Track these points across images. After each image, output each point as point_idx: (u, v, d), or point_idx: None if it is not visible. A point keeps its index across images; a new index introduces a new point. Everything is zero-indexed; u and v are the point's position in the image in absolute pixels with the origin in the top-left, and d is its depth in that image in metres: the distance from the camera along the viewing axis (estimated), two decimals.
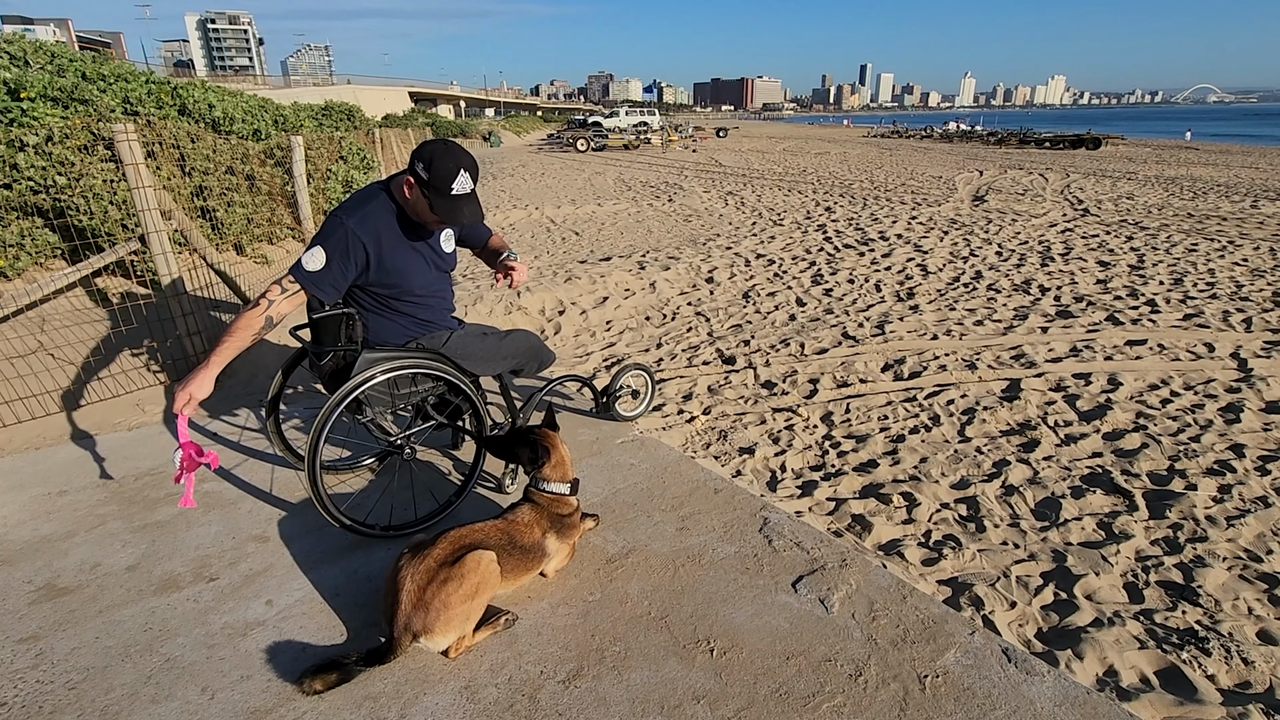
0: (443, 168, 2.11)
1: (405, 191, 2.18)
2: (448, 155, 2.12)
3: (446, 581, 1.76)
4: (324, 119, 11.93)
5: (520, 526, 2.01)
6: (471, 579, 1.79)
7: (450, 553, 1.83)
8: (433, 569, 1.78)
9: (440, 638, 1.78)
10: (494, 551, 1.88)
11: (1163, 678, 2.26)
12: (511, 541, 1.96)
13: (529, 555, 2.00)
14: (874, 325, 6.04)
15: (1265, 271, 7.68)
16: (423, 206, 2.17)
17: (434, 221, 2.24)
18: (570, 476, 2.16)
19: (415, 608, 1.74)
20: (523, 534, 2.00)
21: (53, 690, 1.77)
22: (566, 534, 2.10)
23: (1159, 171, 19.00)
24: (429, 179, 2.11)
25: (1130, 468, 3.59)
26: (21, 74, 4.78)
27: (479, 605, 1.83)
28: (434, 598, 1.75)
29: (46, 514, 2.61)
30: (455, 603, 1.76)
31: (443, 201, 2.14)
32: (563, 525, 2.09)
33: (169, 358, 3.95)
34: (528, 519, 2.04)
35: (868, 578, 2.15)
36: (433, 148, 2.15)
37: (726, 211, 12.69)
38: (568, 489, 2.12)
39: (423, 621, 1.74)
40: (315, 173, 7.84)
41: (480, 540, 1.90)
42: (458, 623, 1.78)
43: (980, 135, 39.10)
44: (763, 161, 24.46)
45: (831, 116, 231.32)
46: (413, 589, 1.75)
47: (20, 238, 4.11)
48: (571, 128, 43.91)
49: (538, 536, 2.02)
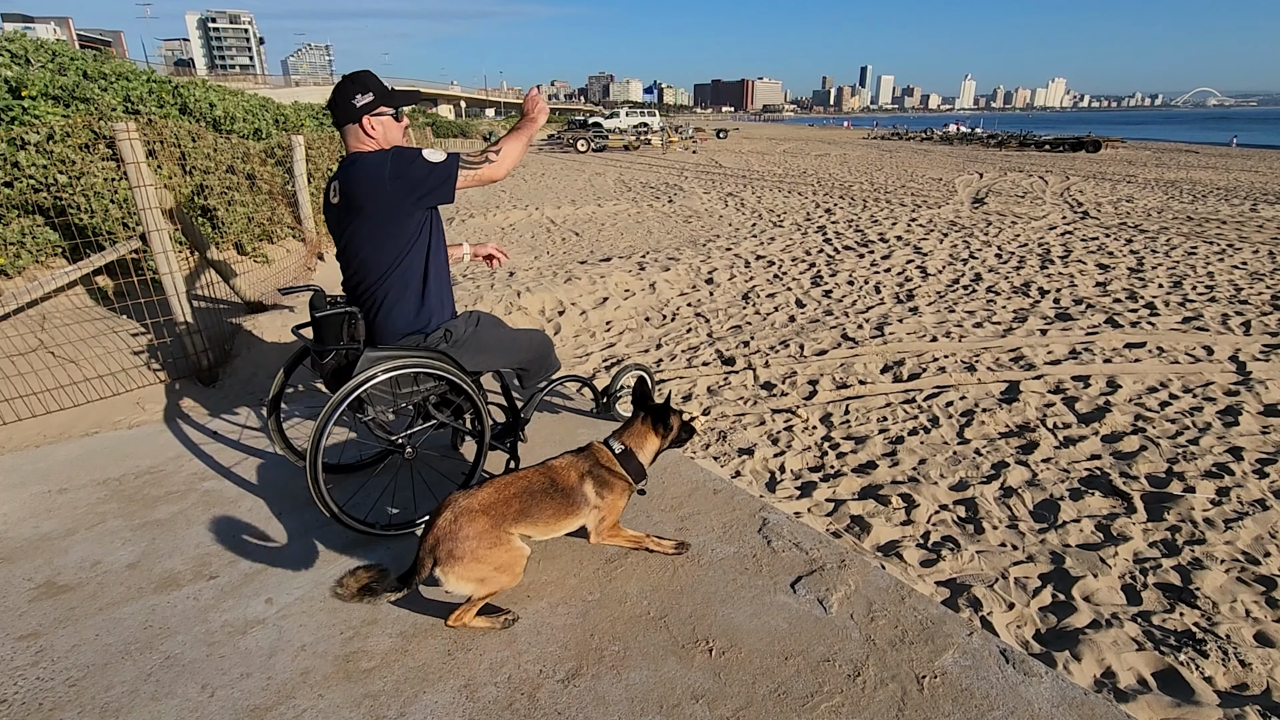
0: (371, 80, 2.25)
1: (371, 131, 2.23)
2: (364, 74, 2.28)
3: (482, 534, 1.85)
4: (324, 118, 11.93)
5: (559, 470, 2.10)
6: (499, 550, 1.86)
7: (495, 498, 1.93)
8: (474, 509, 1.88)
9: (453, 574, 1.81)
10: (534, 521, 1.97)
11: (1160, 679, 2.27)
12: (551, 484, 2.04)
13: (568, 499, 2.05)
14: (873, 327, 6.05)
15: (1264, 275, 7.70)
16: (390, 124, 2.26)
17: (400, 135, 2.32)
18: (640, 451, 2.19)
19: (444, 537, 1.82)
20: (560, 476, 2.07)
21: (53, 687, 1.77)
22: (605, 489, 2.11)
23: (1159, 175, 19.03)
24: (375, 95, 2.22)
25: (1129, 470, 3.60)
26: (23, 72, 4.79)
27: (495, 577, 1.87)
28: (463, 535, 1.82)
29: (47, 511, 2.61)
30: (479, 552, 1.83)
31: (397, 96, 2.27)
32: (602, 478, 2.11)
33: (169, 356, 3.95)
34: (566, 463, 2.13)
35: (866, 578, 2.16)
36: (350, 86, 2.23)
37: (726, 213, 12.70)
38: (622, 449, 2.17)
39: (446, 551, 1.81)
40: (316, 172, 7.85)
41: (519, 490, 1.99)
42: (472, 572, 1.83)
43: (980, 137, 39.17)
44: (763, 163, 24.47)
45: (831, 118, 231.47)
46: (449, 518, 1.85)
47: (21, 236, 4.11)
48: (572, 128, 43.92)
49: (574, 480, 2.08)
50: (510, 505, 1.95)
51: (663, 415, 2.23)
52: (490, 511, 1.91)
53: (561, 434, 3.18)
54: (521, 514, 1.96)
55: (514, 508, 1.95)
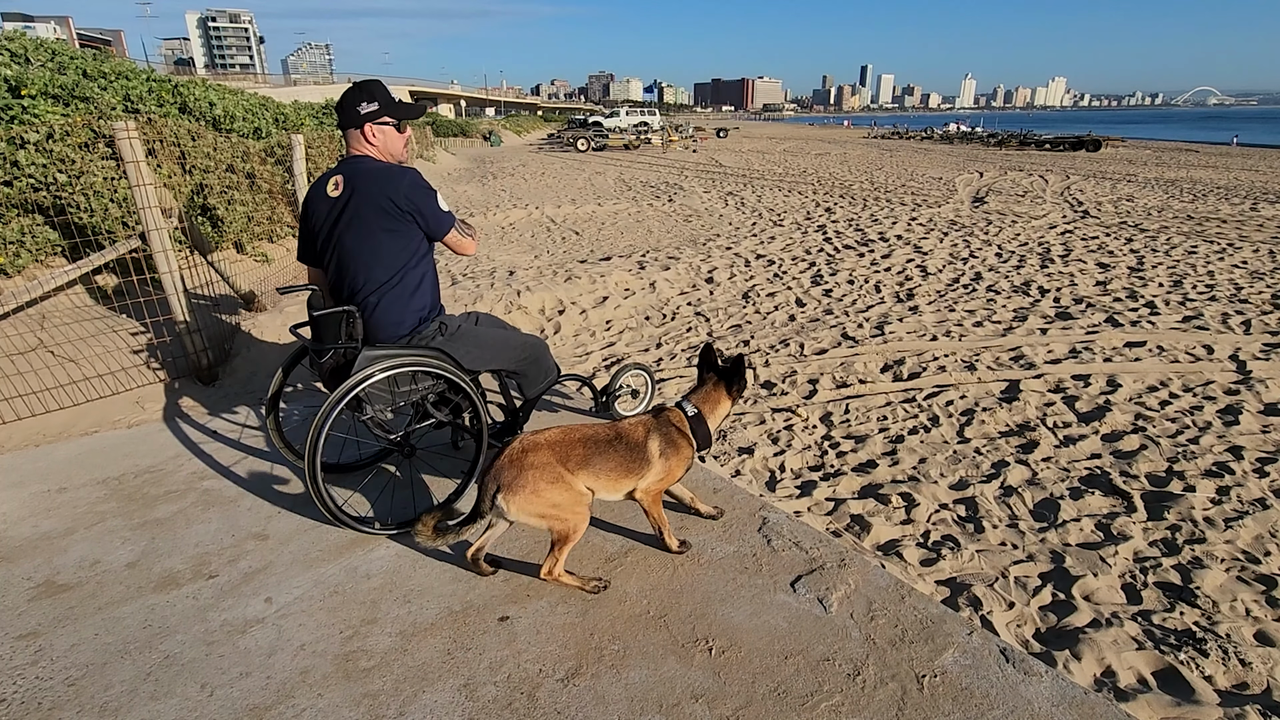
0: (379, 90, 2.33)
1: (373, 139, 2.31)
2: (372, 83, 2.35)
3: (543, 467, 1.93)
4: (324, 118, 11.92)
5: (627, 426, 2.15)
6: (558, 488, 1.94)
7: (561, 439, 2.01)
8: (539, 444, 1.97)
9: (513, 503, 1.90)
10: (598, 464, 2.03)
11: (1160, 678, 2.27)
12: (616, 436, 2.10)
13: (630, 456, 2.09)
14: (873, 326, 6.05)
15: (1265, 274, 7.69)
16: (391, 134, 2.34)
17: (402, 144, 2.40)
18: (711, 416, 2.22)
19: (507, 466, 1.92)
20: (628, 432, 2.13)
21: (52, 687, 1.77)
22: (671, 451, 2.13)
23: (1159, 174, 19.02)
24: (380, 104, 2.29)
25: (1129, 469, 3.60)
26: (22, 71, 4.78)
27: (556, 515, 1.94)
28: (526, 464, 1.92)
29: (46, 511, 2.61)
30: (539, 485, 1.91)
31: (401, 108, 2.34)
32: (670, 438, 2.14)
33: (168, 355, 3.95)
34: (634, 421, 2.17)
35: (866, 578, 2.15)
36: (356, 94, 2.30)
37: (726, 212, 12.70)
38: (694, 412, 2.20)
39: (509, 478, 1.90)
40: (316, 171, 7.84)
41: (584, 436, 2.06)
42: (532, 504, 1.91)
43: (980, 137, 39.14)
44: (763, 162, 24.47)
45: (832, 117, 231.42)
46: (515, 449, 1.96)
47: (21, 235, 4.11)
48: (572, 127, 43.91)
49: (640, 436, 2.12)
50: (574, 449, 2.02)
51: (737, 374, 2.24)
52: (555, 448, 1.98)
53: None
54: (585, 461, 2.02)
55: (578, 453, 2.02)
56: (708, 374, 2.27)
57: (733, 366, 2.23)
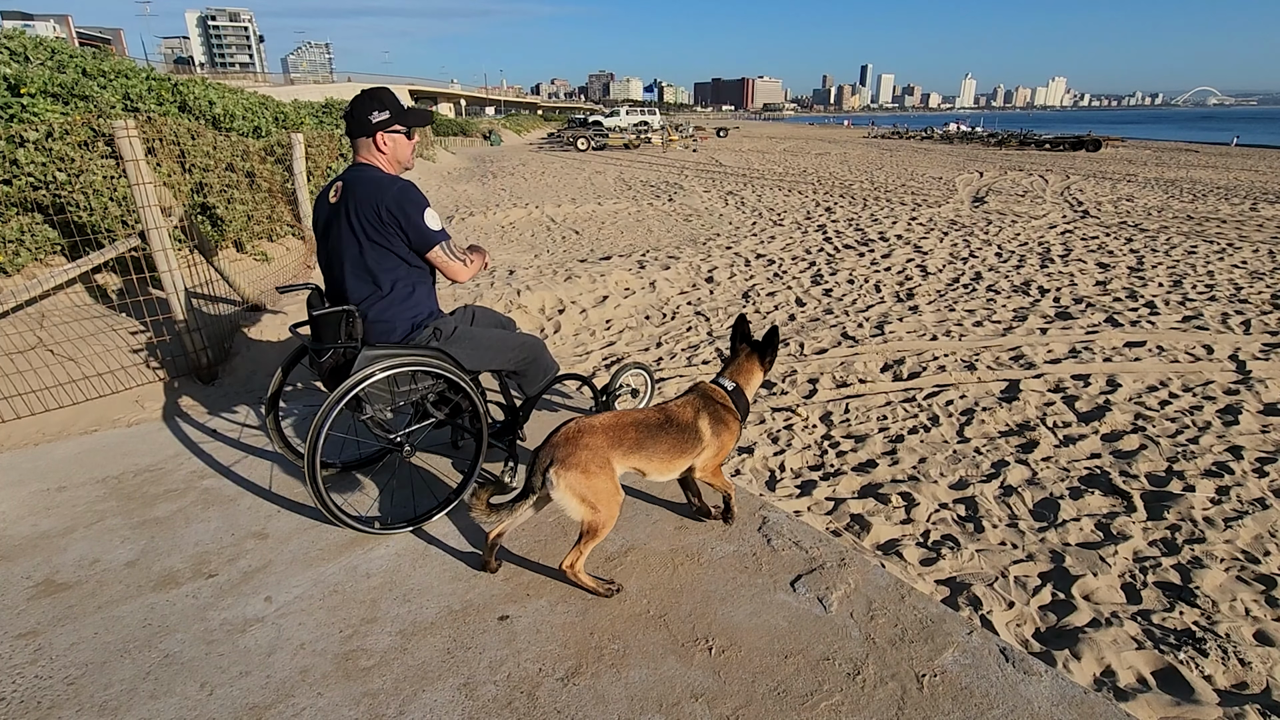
0: (388, 98, 2.32)
1: (383, 146, 2.30)
2: (382, 91, 2.34)
3: (596, 450, 1.96)
4: (324, 117, 11.90)
5: (675, 407, 2.19)
6: (604, 476, 1.96)
7: (614, 423, 2.05)
8: (594, 427, 2.01)
9: (563, 480, 1.91)
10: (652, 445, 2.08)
11: (1160, 678, 2.27)
12: (667, 419, 2.13)
13: (682, 436, 2.13)
14: (873, 326, 6.05)
15: (1264, 274, 7.70)
16: (401, 142, 2.34)
17: (410, 151, 2.40)
18: (747, 387, 2.31)
19: (563, 443, 1.96)
20: (676, 414, 2.16)
21: (51, 685, 1.77)
22: (721, 427, 2.20)
23: (1159, 174, 19.02)
24: (391, 113, 2.29)
25: (1128, 469, 3.60)
26: (22, 70, 4.78)
27: (595, 504, 1.94)
28: (581, 444, 1.95)
29: (45, 510, 2.61)
30: (590, 468, 1.93)
31: (410, 116, 2.34)
32: (718, 415, 2.20)
33: (168, 354, 3.95)
34: (683, 401, 2.23)
35: (866, 577, 2.15)
36: (367, 101, 2.30)
37: (726, 211, 12.69)
38: (733, 386, 2.28)
39: (563, 455, 1.93)
40: (315, 170, 7.84)
41: (636, 420, 2.09)
42: (579, 485, 1.92)
43: (980, 136, 39.13)
44: (763, 161, 24.46)
45: (832, 117, 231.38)
46: (571, 429, 2.00)
47: (20, 233, 4.10)
48: (572, 127, 43.88)
49: (689, 417, 2.17)
50: (627, 433, 2.05)
51: (770, 346, 2.31)
52: (609, 433, 2.01)
53: None
54: (637, 445, 2.05)
55: (630, 436, 2.05)
56: (741, 345, 2.35)
57: (766, 339, 2.31)
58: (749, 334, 2.37)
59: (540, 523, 2.46)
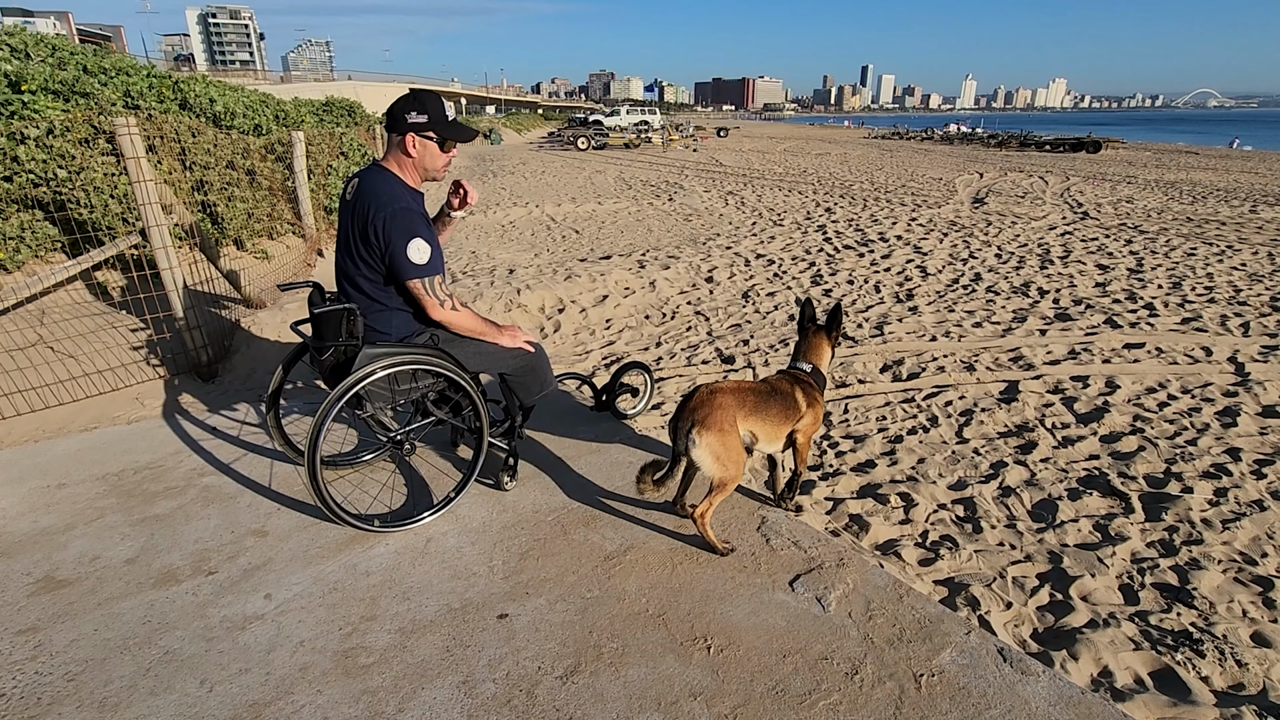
0: (432, 104, 2.27)
1: (411, 149, 2.26)
2: (428, 95, 2.29)
3: (728, 410, 2.17)
4: (325, 115, 11.89)
5: (775, 380, 2.45)
6: (733, 436, 2.16)
7: (735, 388, 2.26)
8: (724, 389, 2.22)
9: (704, 439, 2.10)
10: (761, 401, 2.31)
11: (1157, 679, 2.28)
12: (772, 389, 2.38)
13: (786, 404, 2.36)
14: (873, 326, 6.05)
15: (1263, 276, 7.71)
16: (432, 150, 2.29)
17: (442, 163, 2.33)
18: (820, 364, 2.54)
19: (701, 405, 2.16)
20: (778, 385, 2.42)
21: (51, 682, 1.77)
22: (812, 401, 2.44)
23: (1159, 175, 19.03)
24: (430, 118, 2.25)
25: (1127, 470, 3.60)
26: (22, 67, 4.77)
27: (726, 461, 2.14)
28: (716, 405, 2.15)
29: (45, 506, 2.61)
30: (725, 426, 2.14)
31: (450, 128, 2.30)
32: (808, 390, 2.45)
33: (168, 352, 3.95)
34: (778, 377, 2.48)
35: (865, 577, 2.16)
36: (410, 101, 2.25)
37: (727, 211, 12.70)
38: (810, 368, 2.51)
39: (704, 415, 2.13)
40: (316, 168, 7.84)
41: (751, 387, 2.33)
42: (717, 443, 2.12)
43: (981, 137, 39.12)
44: (763, 161, 24.46)
45: (832, 117, 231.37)
46: (704, 393, 2.20)
47: (20, 230, 4.10)
48: (572, 126, 43.83)
49: (789, 387, 2.42)
50: (747, 398, 2.26)
51: (835, 323, 2.54)
52: (734, 394, 2.23)
53: (561, 431, 3.18)
54: (756, 408, 2.26)
55: (750, 400, 2.26)
56: (808, 324, 2.57)
57: (831, 317, 2.56)
58: (814, 315, 2.59)
59: (540, 522, 2.47)
